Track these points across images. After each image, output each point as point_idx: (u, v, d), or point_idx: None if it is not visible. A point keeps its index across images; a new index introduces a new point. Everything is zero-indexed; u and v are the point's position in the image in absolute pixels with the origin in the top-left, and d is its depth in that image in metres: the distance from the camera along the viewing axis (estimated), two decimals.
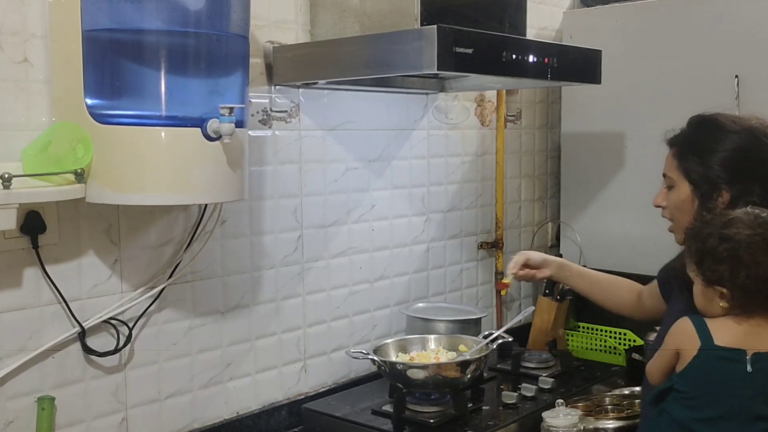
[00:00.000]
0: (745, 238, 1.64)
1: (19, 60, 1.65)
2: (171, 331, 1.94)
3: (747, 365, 1.63)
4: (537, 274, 2.30)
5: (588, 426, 2.04)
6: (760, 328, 1.65)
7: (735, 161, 1.83)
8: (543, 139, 3.04)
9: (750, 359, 1.63)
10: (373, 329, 2.43)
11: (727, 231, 1.66)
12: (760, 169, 1.83)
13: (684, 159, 1.89)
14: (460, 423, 2.06)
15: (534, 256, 2.30)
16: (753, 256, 1.63)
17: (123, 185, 1.61)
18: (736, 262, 1.64)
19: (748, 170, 1.82)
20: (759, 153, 1.84)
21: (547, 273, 2.29)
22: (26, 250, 1.67)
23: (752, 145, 1.84)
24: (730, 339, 1.65)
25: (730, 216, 1.69)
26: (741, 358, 1.63)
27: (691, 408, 1.67)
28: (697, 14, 2.55)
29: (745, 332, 1.65)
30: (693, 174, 1.86)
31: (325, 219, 2.27)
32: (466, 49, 1.81)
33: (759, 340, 1.64)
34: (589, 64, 2.24)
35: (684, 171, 1.88)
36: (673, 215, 1.92)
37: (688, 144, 1.89)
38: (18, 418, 1.68)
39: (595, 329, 2.71)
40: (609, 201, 2.80)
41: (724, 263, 1.65)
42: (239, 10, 1.71)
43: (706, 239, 1.69)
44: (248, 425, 2.09)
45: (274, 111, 2.11)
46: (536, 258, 2.30)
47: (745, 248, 1.63)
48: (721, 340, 1.65)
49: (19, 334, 1.68)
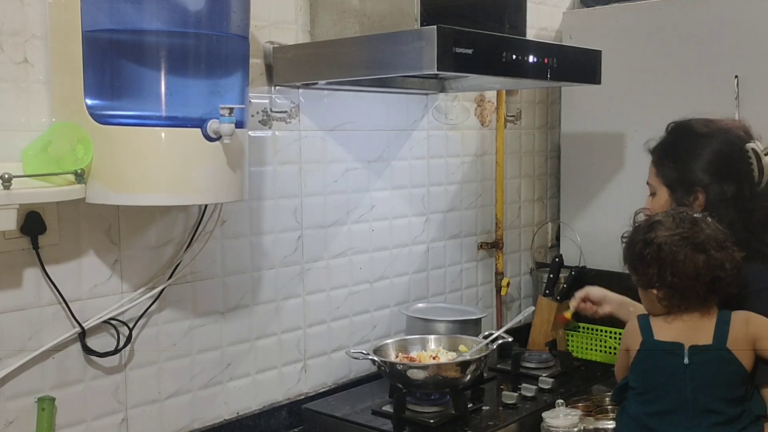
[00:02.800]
0: (664, 239, 1.71)
1: (19, 60, 1.65)
2: (171, 331, 1.94)
3: (684, 357, 1.71)
4: (599, 310, 2.22)
5: (588, 426, 2.05)
6: (697, 323, 1.73)
7: (707, 164, 1.88)
8: (543, 140, 3.04)
9: (687, 352, 1.71)
10: (373, 329, 2.43)
11: (649, 235, 1.74)
12: (732, 170, 1.87)
13: (660, 165, 1.96)
14: (460, 423, 2.06)
15: (594, 293, 2.22)
16: (674, 256, 1.70)
17: (123, 185, 1.61)
18: (660, 264, 1.72)
19: (720, 172, 1.87)
20: (730, 155, 1.87)
21: (608, 309, 2.21)
22: (26, 250, 1.67)
23: (724, 148, 1.88)
24: (669, 334, 1.74)
25: (652, 220, 1.77)
26: (679, 351, 1.72)
27: (642, 403, 1.76)
28: (697, 14, 2.55)
29: (683, 327, 1.74)
30: (668, 179, 1.93)
31: (325, 219, 2.27)
32: (466, 50, 1.81)
33: (697, 334, 1.73)
34: (589, 64, 2.24)
35: (661, 177, 1.95)
36: None
37: (664, 151, 1.96)
38: (18, 418, 1.68)
39: (595, 329, 2.71)
40: (609, 201, 2.80)
41: (651, 266, 1.74)
42: (239, 10, 1.71)
43: (634, 246, 1.78)
44: (248, 425, 2.09)
45: (274, 111, 2.12)
46: (596, 294, 2.22)
47: (665, 250, 1.71)
48: (661, 335, 1.75)
49: (19, 334, 1.68)
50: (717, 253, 1.69)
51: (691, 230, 1.71)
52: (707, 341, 1.71)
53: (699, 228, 1.71)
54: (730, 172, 1.86)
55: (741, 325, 1.71)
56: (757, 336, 1.71)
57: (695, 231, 1.71)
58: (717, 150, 1.88)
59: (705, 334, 1.72)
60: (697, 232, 1.70)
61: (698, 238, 1.70)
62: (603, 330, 2.69)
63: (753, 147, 1.86)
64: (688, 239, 1.70)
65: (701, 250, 1.69)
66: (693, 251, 1.69)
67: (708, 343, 1.71)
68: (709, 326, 1.72)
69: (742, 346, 1.70)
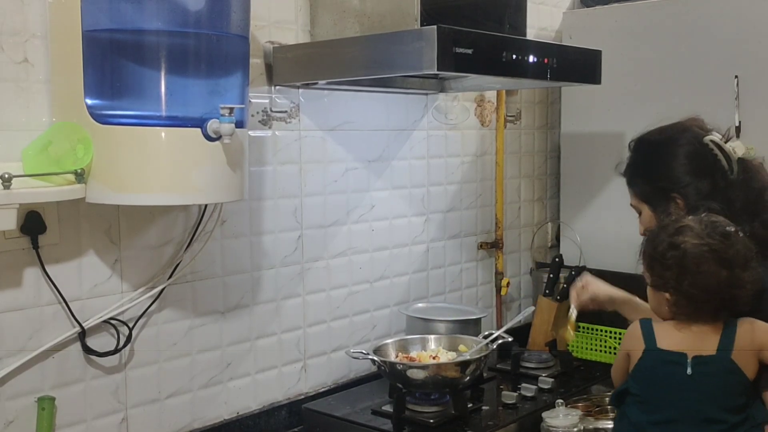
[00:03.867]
0: (692, 247, 1.67)
1: (19, 60, 1.65)
2: (171, 331, 1.94)
3: (687, 368, 1.67)
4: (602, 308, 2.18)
5: (588, 426, 2.05)
6: (703, 334, 1.69)
7: (674, 168, 1.88)
8: (543, 140, 3.04)
9: (691, 362, 1.67)
10: (373, 329, 2.43)
11: (676, 239, 1.70)
12: (700, 166, 1.86)
13: (634, 185, 1.97)
14: (460, 423, 2.06)
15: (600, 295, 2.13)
16: (698, 266, 1.66)
17: (123, 185, 1.61)
18: (681, 271, 1.68)
19: (690, 171, 1.87)
20: (694, 152, 1.87)
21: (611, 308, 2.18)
22: (26, 250, 1.67)
23: (686, 147, 1.88)
24: (672, 342, 1.70)
25: (683, 223, 1.72)
26: (682, 361, 1.68)
27: (645, 411, 1.72)
28: (697, 14, 2.55)
29: (688, 337, 1.70)
30: (644, 195, 1.93)
31: (325, 219, 2.27)
32: (466, 50, 1.81)
33: (701, 344, 1.68)
34: (588, 64, 2.25)
35: (638, 195, 1.95)
36: None
37: (632, 169, 1.97)
38: (18, 418, 1.68)
39: (595, 329, 2.71)
40: (609, 201, 2.79)
41: (670, 270, 1.69)
42: (239, 10, 1.71)
43: (657, 245, 1.73)
44: (248, 425, 2.09)
45: (274, 111, 2.12)
46: (602, 297, 2.13)
47: (690, 258, 1.67)
48: (664, 343, 1.71)
49: (19, 334, 1.68)
50: (742, 271, 1.65)
51: (721, 243, 1.66)
52: (711, 351, 1.67)
53: (729, 242, 1.66)
54: (698, 168, 1.85)
55: (746, 334, 1.68)
56: (762, 344, 1.67)
57: (725, 245, 1.66)
58: (678, 152, 1.88)
59: (709, 344, 1.68)
60: (727, 246, 1.66)
61: (727, 253, 1.65)
62: (603, 330, 2.69)
63: (711, 139, 1.86)
64: (717, 252, 1.65)
65: (727, 266, 1.65)
66: (718, 265, 1.65)
67: (712, 353, 1.67)
68: (714, 337, 1.68)
69: (746, 355, 1.66)
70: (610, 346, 2.65)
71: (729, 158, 1.85)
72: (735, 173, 1.85)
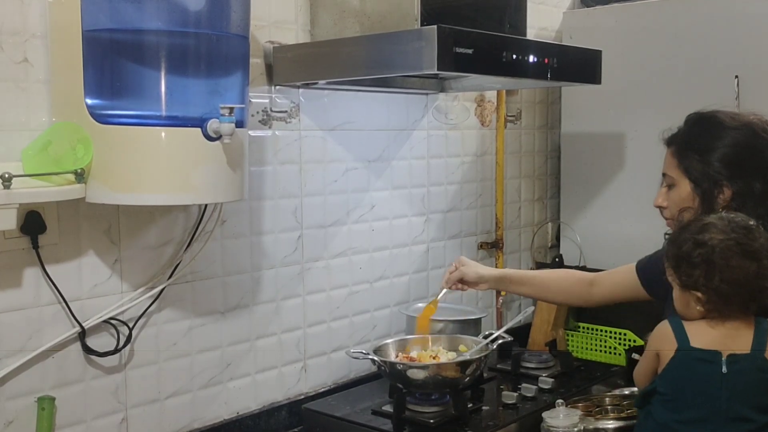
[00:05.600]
0: (718, 243, 1.67)
1: (19, 60, 1.65)
2: (171, 331, 1.94)
3: (722, 366, 1.66)
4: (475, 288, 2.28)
5: (588, 426, 2.04)
6: (736, 331, 1.68)
7: (735, 157, 1.83)
8: (543, 140, 3.04)
9: (725, 361, 1.66)
10: (373, 329, 2.43)
11: (701, 236, 1.69)
12: (760, 165, 1.83)
13: (684, 157, 1.88)
14: (460, 423, 2.06)
15: (469, 274, 2.21)
16: (726, 261, 1.66)
17: (123, 185, 1.61)
18: (710, 267, 1.67)
19: (748, 166, 1.83)
20: (758, 149, 1.84)
21: (485, 287, 2.27)
22: (26, 250, 1.67)
23: (751, 141, 1.84)
24: (706, 341, 1.69)
25: (705, 221, 1.72)
26: (717, 360, 1.67)
27: (672, 410, 1.70)
28: (697, 14, 2.55)
29: (721, 335, 1.68)
30: (693, 171, 1.86)
31: (325, 219, 2.27)
32: (466, 50, 1.81)
33: (734, 342, 1.68)
34: (589, 64, 2.25)
35: (684, 169, 1.88)
36: (673, 214, 1.91)
37: (687, 142, 1.89)
38: (18, 418, 1.68)
39: (595, 329, 2.71)
40: (609, 201, 2.80)
41: (698, 268, 1.68)
42: (239, 10, 1.71)
43: (681, 244, 1.72)
44: (248, 425, 2.09)
45: (274, 111, 2.12)
46: (471, 275, 2.22)
47: (718, 253, 1.66)
48: (697, 341, 1.69)
49: (19, 334, 1.68)
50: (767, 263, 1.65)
51: (746, 237, 1.66)
52: (745, 349, 1.66)
53: (753, 236, 1.67)
54: (758, 167, 1.82)
55: None
56: None
57: (750, 238, 1.66)
58: (745, 144, 1.83)
59: (743, 342, 1.67)
60: (752, 239, 1.66)
61: (752, 246, 1.66)
62: (603, 330, 2.69)
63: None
64: (743, 245, 1.65)
65: (754, 258, 1.65)
66: (745, 258, 1.65)
67: (746, 351, 1.66)
68: (748, 334, 1.68)
69: None
70: (610, 346, 2.65)
71: None
72: None
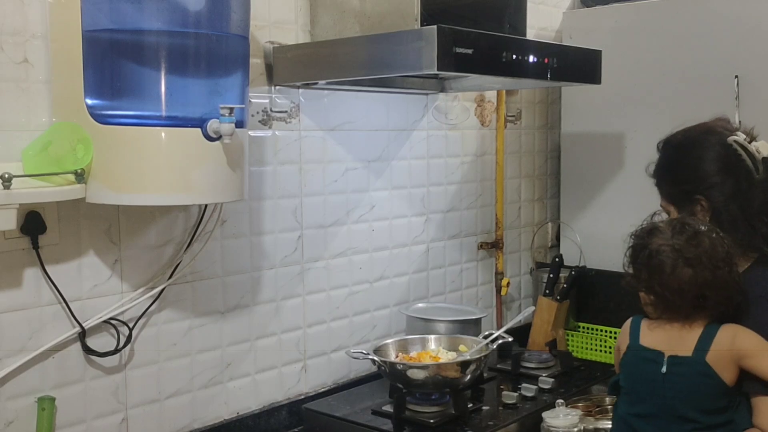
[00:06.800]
0: (657, 247, 1.70)
1: (19, 60, 1.65)
2: (171, 331, 1.94)
3: (663, 366, 1.70)
4: None
5: (588, 426, 2.05)
6: (682, 335, 1.71)
7: (698, 169, 1.87)
8: (543, 140, 3.04)
9: (666, 361, 1.71)
10: (373, 329, 2.43)
11: (645, 240, 1.74)
12: (724, 167, 1.85)
13: (662, 186, 1.96)
14: (460, 423, 2.06)
15: None
16: (661, 266, 1.69)
17: (123, 185, 1.61)
18: (650, 270, 1.71)
19: (714, 173, 1.85)
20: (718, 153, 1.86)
21: None
22: (26, 250, 1.67)
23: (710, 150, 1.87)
24: (653, 340, 1.74)
25: (654, 226, 1.76)
26: (659, 360, 1.72)
27: (629, 403, 1.78)
28: (697, 14, 2.55)
29: (668, 336, 1.73)
30: (671, 196, 1.93)
31: (324, 219, 2.27)
32: (466, 50, 1.81)
33: (678, 344, 1.71)
34: (589, 64, 2.25)
35: (666, 195, 1.94)
36: None
37: (659, 171, 1.96)
38: (18, 418, 1.68)
39: (595, 329, 2.71)
40: (609, 201, 2.80)
41: (643, 271, 1.73)
42: (239, 10, 1.71)
43: (634, 246, 1.77)
44: (248, 425, 2.09)
45: (274, 111, 2.12)
46: None
47: (655, 257, 1.70)
48: (646, 340, 1.75)
49: (19, 334, 1.68)
50: (706, 271, 1.66)
51: (686, 243, 1.67)
52: (687, 353, 1.69)
53: (696, 242, 1.68)
54: (722, 169, 1.84)
55: (726, 341, 1.67)
56: (742, 353, 1.66)
57: (690, 244, 1.67)
58: (702, 154, 1.87)
59: (687, 346, 1.69)
60: (693, 245, 1.67)
61: (690, 252, 1.67)
62: (603, 330, 2.69)
63: (735, 139, 1.84)
64: (679, 252, 1.67)
65: (689, 264, 1.66)
66: (682, 265, 1.67)
67: (688, 355, 1.68)
68: (693, 338, 1.70)
69: (724, 361, 1.66)
70: (610, 346, 2.65)
71: (753, 158, 1.83)
72: (760, 173, 1.83)
